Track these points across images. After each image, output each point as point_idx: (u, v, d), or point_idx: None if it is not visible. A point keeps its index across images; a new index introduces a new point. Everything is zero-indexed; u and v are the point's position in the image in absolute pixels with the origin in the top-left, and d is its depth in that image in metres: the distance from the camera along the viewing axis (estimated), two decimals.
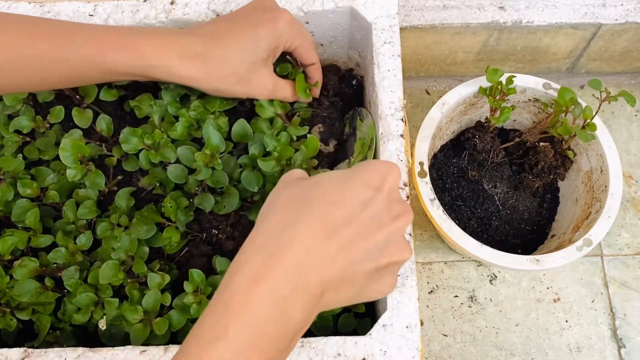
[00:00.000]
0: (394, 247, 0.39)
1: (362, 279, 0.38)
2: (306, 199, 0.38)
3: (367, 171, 0.40)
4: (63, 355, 0.47)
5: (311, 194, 0.38)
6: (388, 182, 0.40)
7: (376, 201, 0.38)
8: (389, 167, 0.41)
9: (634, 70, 0.85)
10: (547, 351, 0.71)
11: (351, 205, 0.37)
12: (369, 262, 0.37)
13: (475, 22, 0.73)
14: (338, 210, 0.37)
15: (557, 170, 0.70)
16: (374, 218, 0.38)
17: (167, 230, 0.55)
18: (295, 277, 0.35)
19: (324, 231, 0.36)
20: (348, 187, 0.38)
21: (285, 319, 0.35)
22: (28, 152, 0.59)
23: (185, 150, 0.56)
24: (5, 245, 0.53)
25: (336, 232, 0.36)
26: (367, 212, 0.38)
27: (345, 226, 0.37)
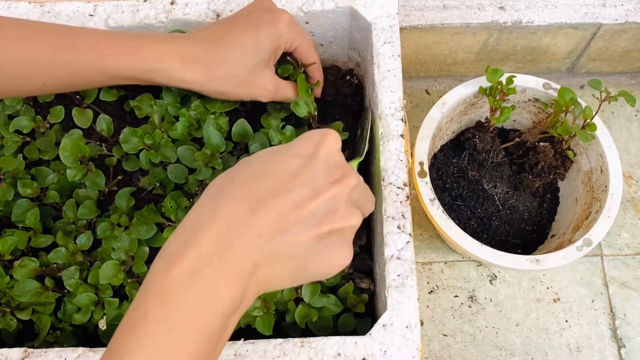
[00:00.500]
0: (336, 213, 0.36)
1: (301, 251, 0.35)
2: (231, 178, 0.36)
3: (298, 142, 0.39)
4: (63, 355, 0.47)
5: (236, 173, 0.37)
6: (323, 148, 0.38)
7: (309, 169, 0.37)
8: (322, 134, 0.39)
9: (634, 70, 0.85)
10: (547, 351, 0.71)
11: (279, 176, 0.36)
12: (304, 232, 0.35)
13: (475, 22, 0.73)
14: (264, 183, 0.35)
15: (557, 170, 0.70)
16: (306, 185, 0.36)
17: (167, 230, 0.55)
18: (216, 253, 0.33)
19: (248, 205, 0.34)
20: (276, 159, 0.37)
21: (210, 298, 0.32)
22: (28, 152, 0.59)
23: (186, 150, 0.56)
24: (5, 245, 0.53)
25: (262, 204, 0.34)
26: (297, 180, 0.36)
27: (273, 197, 0.35)
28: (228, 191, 0.35)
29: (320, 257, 0.37)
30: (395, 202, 0.52)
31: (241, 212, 0.34)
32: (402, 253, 0.50)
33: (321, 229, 0.36)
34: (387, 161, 0.53)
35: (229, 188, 0.35)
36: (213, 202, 0.35)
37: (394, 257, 0.50)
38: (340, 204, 0.37)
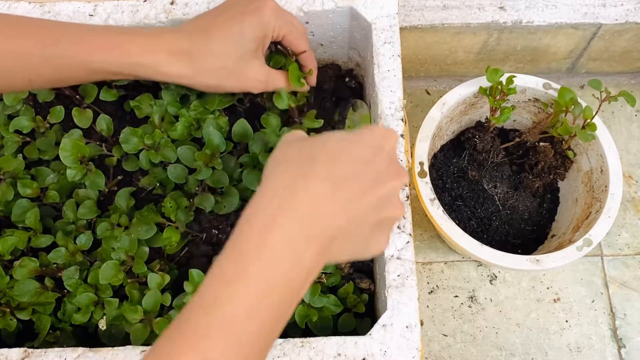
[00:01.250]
0: (392, 203, 0.41)
1: (365, 230, 0.40)
2: (314, 156, 0.39)
3: (368, 133, 0.42)
4: (63, 355, 0.47)
5: (318, 152, 0.40)
6: (388, 144, 0.42)
7: (377, 160, 0.40)
8: (388, 131, 0.43)
9: (634, 70, 0.85)
10: (547, 351, 0.71)
11: (355, 162, 0.40)
12: (371, 215, 0.40)
13: (475, 22, 0.73)
14: (343, 167, 0.39)
15: (557, 170, 0.70)
16: (375, 175, 0.40)
17: (167, 230, 0.55)
18: (306, 224, 0.37)
19: (331, 185, 0.38)
20: (352, 146, 0.40)
21: (298, 262, 0.37)
22: (28, 152, 0.59)
23: (186, 150, 0.56)
24: (5, 245, 0.53)
25: (342, 186, 0.38)
26: (369, 169, 0.40)
27: (349, 181, 0.39)
28: (314, 168, 0.39)
29: (375, 239, 0.42)
30: None
31: (327, 191, 0.38)
32: (402, 253, 0.50)
33: (381, 214, 0.40)
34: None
35: (314, 165, 0.39)
36: (303, 177, 0.38)
37: (394, 257, 0.50)
38: (395, 196, 0.42)
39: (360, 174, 0.39)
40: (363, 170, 0.40)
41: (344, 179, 0.39)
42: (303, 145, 0.41)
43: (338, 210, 0.38)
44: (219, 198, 0.56)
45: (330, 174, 0.38)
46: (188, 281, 0.53)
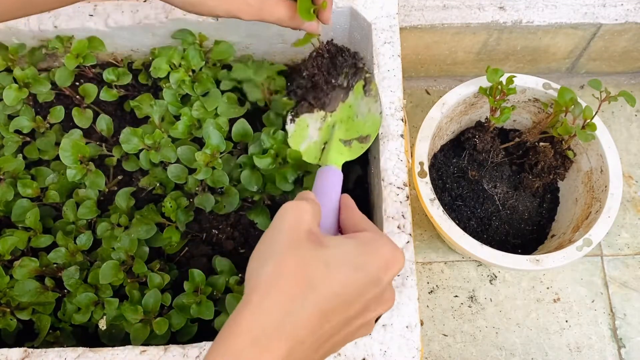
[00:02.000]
0: (379, 309, 0.40)
1: (340, 345, 0.38)
2: (313, 283, 0.36)
3: (376, 259, 0.39)
4: (63, 355, 0.47)
5: (320, 278, 0.36)
6: (389, 275, 0.39)
7: (374, 293, 0.38)
8: (395, 258, 0.39)
9: (634, 70, 0.85)
10: (547, 351, 0.71)
11: (352, 297, 0.37)
12: (351, 335, 0.38)
13: (475, 22, 0.73)
14: (339, 302, 0.36)
15: (557, 170, 0.70)
16: (366, 305, 0.38)
17: (167, 230, 0.55)
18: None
19: (320, 320, 0.36)
20: (355, 279, 0.37)
21: None
22: (28, 152, 0.59)
23: (186, 150, 0.56)
24: (5, 245, 0.53)
25: (330, 319, 0.36)
26: (362, 300, 0.37)
27: (339, 313, 0.37)
28: (310, 301, 0.35)
29: (359, 334, 0.39)
30: (395, 202, 0.52)
31: (315, 327, 0.35)
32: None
33: (364, 322, 0.38)
34: (387, 161, 0.53)
35: (311, 297, 0.36)
36: (297, 310, 0.35)
37: None
38: (375, 315, 0.39)
39: (351, 307, 0.37)
40: (355, 303, 0.37)
41: (332, 313, 0.36)
42: (306, 259, 0.37)
43: (316, 347, 0.36)
44: (219, 198, 0.56)
45: (322, 311, 0.36)
46: (188, 281, 0.53)
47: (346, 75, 0.57)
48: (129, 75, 0.62)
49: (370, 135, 0.54)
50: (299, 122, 0.56)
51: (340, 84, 0.57)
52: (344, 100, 0.57)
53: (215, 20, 0.60)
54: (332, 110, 0.57)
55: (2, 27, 0.59)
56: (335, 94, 0.57)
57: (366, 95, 0.56)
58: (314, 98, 0.56)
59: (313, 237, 0.38)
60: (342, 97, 0.57)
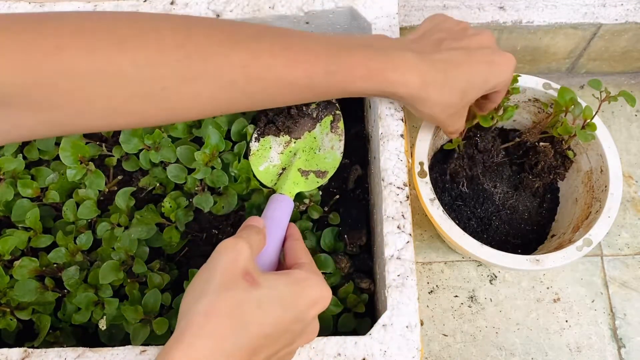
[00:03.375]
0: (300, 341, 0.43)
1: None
2: (245, 323, 0.38)
3: (305, 299, 0.41)
4: (63, 355, 0.47)
5: (252, 319, 0.38)
6: (315, 311, 0.42)
7: (299, 328, 0.41)
8: (323, 298, 0.43)
9: (634, 70, 0.85)
10: (547, 351, 0.71)
11: (279, 334, 0.40)
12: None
13: (475, 22, 0.73)
14: (268, 340, 0.39)
15: (557, 170, 0.70)
16: (291, 339, 0.41)
17: (167, 230, 0.55)
18: None
19: (250, 356, 0.38)
20: (284, 318, 0.40)
21: None
22: (28, 152, 0.59)
23: (185, 149, 0.56)
24: (5, 245, 0.53)
25: (258, 354, 0.39)
26: (287, 335, 0.40)
27: (267, 349, 0.39)
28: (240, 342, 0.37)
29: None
30: (395, 202, 0.52)
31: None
32: (402, 253, 0.50)
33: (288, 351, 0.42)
34: (387, 161, 0.53)
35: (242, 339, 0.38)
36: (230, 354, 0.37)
37: (394, 257, 0.50)
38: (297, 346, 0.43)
39: (276, 342, 0.40)
40: (280, 338, 0.40)
41: (259, 351, 0.38)
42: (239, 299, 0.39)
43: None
44: (217, 199, 0.56)
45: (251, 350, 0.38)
46: (188, 281, 0.53)
47: (317, 105, 0.59)
48: None
49: (328, 172, 0.56)
50: (263, 142, 0.57)
51: (309, 113, 0.59)
52: (310, 130, 0.58)
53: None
54: (297, 137, 0.58)
55: None
56: (304, 122, 0.58)
57: (332, 132, 0.58)
58: (282, 121, 0.57)
59: (248, 277, 0.40)
60: (309, 127, 0.58)
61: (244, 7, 0.59)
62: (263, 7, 0.59)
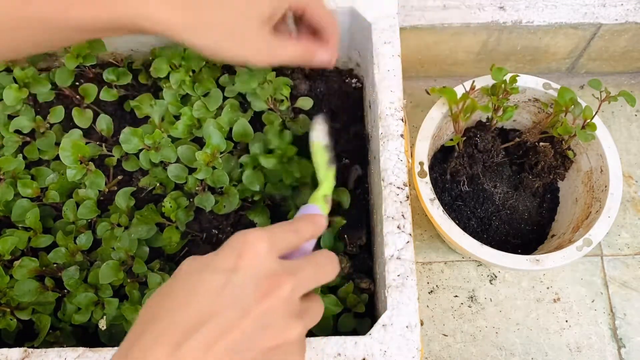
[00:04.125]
0: (273, 328, 0.33)
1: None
2: (157, 308, 0.33)
3: (219, 253, 0.35)
4: (63, 355, 0.47)
5: (163, 301, 0.33)
6: (245, 259, 0.34)
7: (231, 286, 0.33)
8: (242, 241, 0.35)
9: (634, 70, 0.85)
10: (547, 351, 0.71)
11: (201, 300, 0.33)
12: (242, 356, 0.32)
13: (475, 22, 0.73)
14: (187, 311, 0.32)
15: (557, 170, 0.70)
16: (231, 306, 0.32)
17: (167, 230, 0.55)
18: None
19: (173, 341, 0.31)
20: (197, 280, 0.33)
21: None
22: (28, 152, 0.59)
23: (186, 149, 0.56)
24: (5, 245, 0.53)
25: (188, 336, 0.31)
26: (220, 302, 0.32)
27: (199, 326, 0.32)
28: (150, 327, 0.32)
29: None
30: (395, 202, 0.52)
31: (166, 352, 0.31)
32: (402, 253, 0.50)
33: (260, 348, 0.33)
34: (387, 161, 0.53)
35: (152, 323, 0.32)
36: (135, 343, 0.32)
37: (394, 257, 0.50)
38: (274, 318, 0.34)
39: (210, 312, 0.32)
40: (211, 308, 0.32)
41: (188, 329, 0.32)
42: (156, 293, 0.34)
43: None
44: (219, 198, 0.56)
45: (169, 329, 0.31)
46: None
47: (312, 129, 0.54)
48: (129, 75, 0.62)
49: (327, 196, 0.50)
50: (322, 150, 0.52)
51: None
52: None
53: None
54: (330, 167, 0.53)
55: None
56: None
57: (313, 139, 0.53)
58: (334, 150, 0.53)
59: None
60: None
61: None
62: None
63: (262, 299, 0.33)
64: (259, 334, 0.33)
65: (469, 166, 0.70)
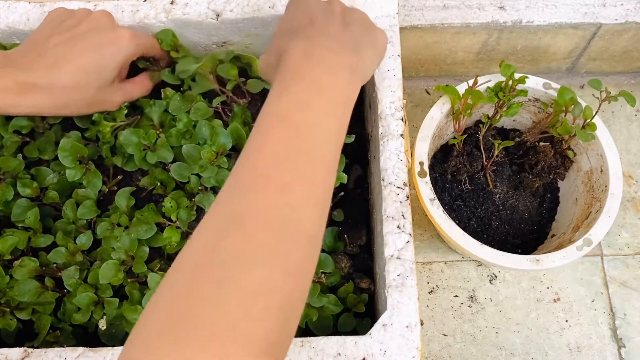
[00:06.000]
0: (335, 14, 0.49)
1: (352, 38, 0.47)
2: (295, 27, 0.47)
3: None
4: (63, 355, 0.47)
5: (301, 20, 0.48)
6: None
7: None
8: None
9: (634, 70, 0.85)
10: (547, 351, 0.71)
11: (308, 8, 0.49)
12: (334, 25, 0.47)
13: (475, 22, 0.73)
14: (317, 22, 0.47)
15: (557, 170, 0.70)
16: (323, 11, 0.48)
17: (167, 230, 0.55)
18: (329, 58, 0.43)
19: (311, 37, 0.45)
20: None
21: (333, 81, 0.42)
22: (28, 152, 0.59)
23: (191, 148, 0.56)
24: (5, 245, 0.53)
25: (324, 29, 0.46)
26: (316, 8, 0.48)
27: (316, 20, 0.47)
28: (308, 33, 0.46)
29: (348, 38, 0.47)
30: (395, 202, 0.52)
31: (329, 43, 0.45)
32: (402, 253, 0.50)
33: (337, 27, 0.47)
34: (387, 161, 0.53)
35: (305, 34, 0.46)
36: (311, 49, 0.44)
37: (394, 257, 0.50)
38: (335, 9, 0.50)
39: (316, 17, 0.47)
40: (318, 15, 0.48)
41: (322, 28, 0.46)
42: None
43: (337, 43, 0.45)
44: None
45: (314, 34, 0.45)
46: None
47: None
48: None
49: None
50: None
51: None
52: None
53: (216, 20, 0.60)
54: None
55: (2, 27, 0.59)
56: None
57: None
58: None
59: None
60: None
61: (244, 7, 0.59)
62: (263, 6, 0.59)
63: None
64: (331, 14, 0.49)
65: (469, 164, 0.70)
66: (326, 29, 0.46)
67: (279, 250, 0.34)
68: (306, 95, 0.41)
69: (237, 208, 0.35)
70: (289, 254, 0.34)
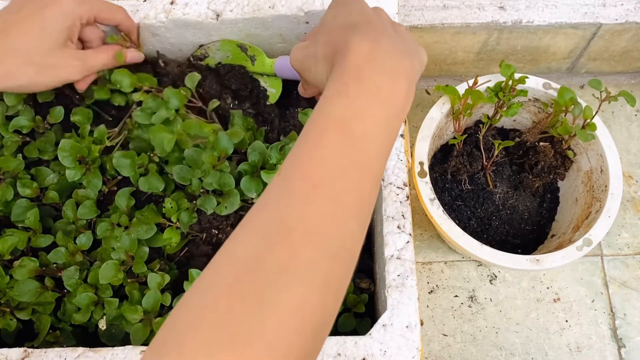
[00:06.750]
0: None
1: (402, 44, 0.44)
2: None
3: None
4: (63, 355, 0.47)
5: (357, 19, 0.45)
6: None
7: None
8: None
9: (634, 70, 0.85)
10: (547, 351, 0.71)
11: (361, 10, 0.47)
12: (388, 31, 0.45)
13: (475, 22, 0.73)
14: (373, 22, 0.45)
15: (557, 170, 0.70)
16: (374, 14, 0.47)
17: (167, 230, 0.55)
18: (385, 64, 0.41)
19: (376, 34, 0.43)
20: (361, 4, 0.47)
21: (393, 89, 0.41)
22: (28, 152, 0.59)
23: (192, 151, 0.56)
24: (5, 245, 0.53)
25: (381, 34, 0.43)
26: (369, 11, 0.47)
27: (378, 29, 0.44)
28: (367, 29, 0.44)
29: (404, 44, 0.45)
30: (395, 202, 0.52)
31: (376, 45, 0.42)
32: (402, 253, 0.50)
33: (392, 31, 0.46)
34: (387, 161, 0.53)
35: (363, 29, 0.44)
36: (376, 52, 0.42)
37: (394, 257, 0.50)
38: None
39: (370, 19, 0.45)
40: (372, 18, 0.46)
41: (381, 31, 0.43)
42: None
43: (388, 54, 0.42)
44: (220, 199, 0.56)
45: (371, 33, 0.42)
46: (188, 281, 0.53)
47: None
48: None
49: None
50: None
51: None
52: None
53: (216, 21, 0.60)
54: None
55: None
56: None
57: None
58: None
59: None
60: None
61: (244, 7, 0.59)
62: (263, 6, 0.59)
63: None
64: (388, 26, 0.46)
65: (469, 164, 0.70)
66: (385, 31, 0.44)
67: (322, 269, 0.34)
68: (365, 101, 0.39)
69: (284, 215, 0.35)
70: (330, 272, 0.34)
